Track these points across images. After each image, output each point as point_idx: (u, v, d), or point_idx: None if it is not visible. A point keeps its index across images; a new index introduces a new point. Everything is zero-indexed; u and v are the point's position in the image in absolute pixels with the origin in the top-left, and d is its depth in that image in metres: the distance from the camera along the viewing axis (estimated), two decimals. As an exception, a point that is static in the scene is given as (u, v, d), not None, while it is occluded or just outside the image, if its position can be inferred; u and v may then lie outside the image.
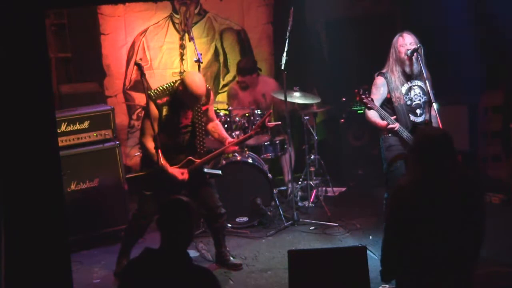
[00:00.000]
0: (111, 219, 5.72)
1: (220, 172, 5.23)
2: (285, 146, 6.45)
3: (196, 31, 7.07)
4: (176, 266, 2.98)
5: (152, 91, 4.77)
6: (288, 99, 6.07)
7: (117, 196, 5.75)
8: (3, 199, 2.63)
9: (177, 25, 7.21)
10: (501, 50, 6.80)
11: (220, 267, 5.10)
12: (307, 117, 6.51)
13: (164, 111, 4.72)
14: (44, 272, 2.71)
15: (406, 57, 4.86)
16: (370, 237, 5.54)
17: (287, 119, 6.19)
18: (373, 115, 4.91)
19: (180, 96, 4.74)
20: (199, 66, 5.84)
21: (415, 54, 4.82)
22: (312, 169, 6.65)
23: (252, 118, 6.15)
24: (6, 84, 2.59)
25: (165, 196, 4.74)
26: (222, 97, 7.37)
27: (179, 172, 4.78)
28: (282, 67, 5.90)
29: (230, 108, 6.25)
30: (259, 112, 6.21)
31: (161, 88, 4.81)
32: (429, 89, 4.79)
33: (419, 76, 4.93)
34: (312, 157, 6.63)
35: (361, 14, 7.59)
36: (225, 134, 5.15)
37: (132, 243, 4.98)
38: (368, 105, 4.75)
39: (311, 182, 6.59)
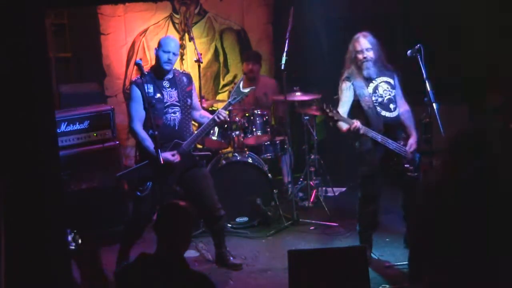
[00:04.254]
0: (111, 219, 5.72)
1: (209, 152, 5.30)
2: (285, 146, 6.45)
3: (196, 31, 7.08)
4: (173, 271, 2.96)
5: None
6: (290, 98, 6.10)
7: (117, 196, 5.75)
8: (3, 199, 2.63)
9: (177, 25, 7.21)
10: (501, 50, 6.79)
11: (220, 267, 5.10)
12: (307, 117, 6.51)
13: (146, 88, 4.70)
14: (44, 272, 2.71)
15: (362, 61, 4.83)
16: (370, 237, 5.53)
17: (287, 119, 6.19)
18: (340, 125, 4.83)
19: (158, 64, 4.79)
20: (199, 66, 5.85)
21: (415, 54, 4.82)
22: (312, 169, 6.65)
23: (252, 118, 6.15)
24: (6, 84, 2.59)
25: (159, 193, 4.73)
26: (222, 97, 7.37)
27: (169, 154, 4.74)
28: (282, 67, 5.91)
29: (230, 108, 6.24)
30: (259, 112, 6.21)
31: (144, 74, 4.83)
32: (428, 89, 4.79)
33: (383, 73, 4.90)
34: (312, 157, 6.63)
35: (361, 14, 7.59)
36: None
37: (131, 243, 4.97)
38: (335, 118, 4.69)
39: (311, 182, 6.59)
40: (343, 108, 4.87)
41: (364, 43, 4.84)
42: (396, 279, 4.71)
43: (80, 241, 2.98)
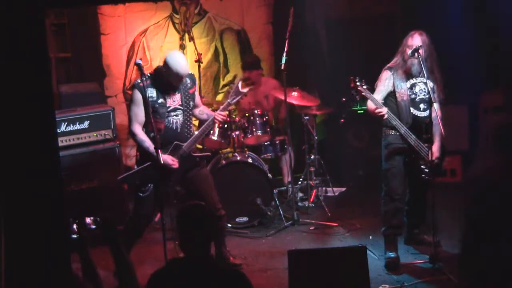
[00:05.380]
0: (114, 217, 5.70)
1: (209, 153, 5.35)
2: (285, 146, 6.45)
3: (196, 31, 7.08)
4: (208, 271, 2.94)
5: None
6: (288, 100, 6.09)
7: (117, 196, 5.74)
8: (3, 199, 2.63)
9: (177, 25, 7.21)
10: (501, 50, 6.79)
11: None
12: (307, 117, 6.50)
13: (149, 93, 4.68)
14: (45, 272, 2.71)
15: (408, 57, 4.88)
16: (370, 237, 5.53)
17: (287, 119, 6.19)
18: (369, 104, 4.93)
19: (164, 76, 4.73)
20: (199, 66, 5.84)
21: (415, 53, 4.83)
22: (312, 169, 6.65)
23: (252, 118, 6.15)
24: (6, 84, 2.59)
25: (161, 194, 4.72)
26: (222, 97, 7.37)
27: (169, 158, 4.73)
28: (282, 67, 5.90)
29: (230, 108, 6.24)
30: (259, 112, 6.20)
31: (146, 74, 4.82)
32: (429, 89, 4.80)
33: (423, 74, 4.93)
34: (312, 157, 6.63)
35: (361, 14, 7.59)
36: (212, 112, 5.09)
37: (131, 243, 4.96)
38: (362, 93, 4.75)
39: (311, 182, 6.59)
40: (378, 96, 4.92)
41: (416, 40, 4.89)
42: (397, 279, 4.71)
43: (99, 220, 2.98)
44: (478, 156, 3.51)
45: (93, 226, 3.01)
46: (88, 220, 3.02)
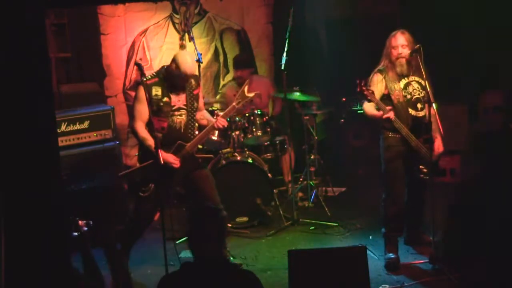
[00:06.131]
0: (111, 219, 5.71)
1: (212, 155, 5.34)
2: (285, 146, 6.45)
3: (196, 31, 7.07)
4: (222, 274, 2.94)
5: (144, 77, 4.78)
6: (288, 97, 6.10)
7: (117, 196, 5.75)
8: (3, 199, 2.63)
9: (177, 25, 7.21)
10: (501, 50, 6.79)
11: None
12: (307, 117, 6.50)
13: (154, 91, 4.69)
14: (44, 272, 2.71)
15: (396, 57, 4.86)
16: (370, 237, 5.54)
17: (287, 119, 6.19)
18: (369, 108, 4.90)
19: (171, 75, 4.73)
20: (199, 66, 5.84)
21: (414, 54, 4.82)
22: (312, 169, 6.65)
23: (252, 118, 6.15)
24: (6, 84, 2.59)
25: (162, 194, 4.72)
26: (219, 97, 7.37)
27: (172, 157, 4.74)
28: (282, 67, 5.90)
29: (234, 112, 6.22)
30: (259, 112, 6.21)
31: (151, 73, 4.83)
32: (428, 89, 4.79)
33: (416, 73, 4.92)
34: (312, 157, 6.63)
35: (361, 14, 7.59)
36: (212, 117, 5.10)
37: (132, 243, 4.97)
38: (368, 97, 4.72)
39: (311, 182, 6.59)
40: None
41: (400, 40, 4.86)
42: (397, 279, 4.71)
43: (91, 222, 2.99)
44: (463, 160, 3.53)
45: (85, 228, 3.02)
46: (80, 222, 3.03)
